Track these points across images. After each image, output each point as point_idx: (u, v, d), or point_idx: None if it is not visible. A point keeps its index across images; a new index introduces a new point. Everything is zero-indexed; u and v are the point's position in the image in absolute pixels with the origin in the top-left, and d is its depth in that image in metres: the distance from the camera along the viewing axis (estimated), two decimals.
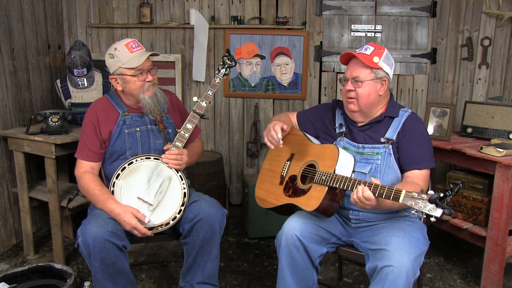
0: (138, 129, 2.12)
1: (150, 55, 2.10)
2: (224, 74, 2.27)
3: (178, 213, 2.01)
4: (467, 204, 2.66)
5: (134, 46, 2.07)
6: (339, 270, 2.63)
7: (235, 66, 2.32)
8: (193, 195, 2.15)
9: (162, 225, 1.99)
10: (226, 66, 2.28)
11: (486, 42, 3.22)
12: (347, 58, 1.98)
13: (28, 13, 3.06)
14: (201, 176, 3.22)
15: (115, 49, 2.07)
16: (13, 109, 2.93)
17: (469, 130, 2.87)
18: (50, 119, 2.67)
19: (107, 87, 3.11)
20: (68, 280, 2.06)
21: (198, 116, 2.16)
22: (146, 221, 1.93)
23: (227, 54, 2.30)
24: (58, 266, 2.19)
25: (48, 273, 2.20)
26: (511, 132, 2.71)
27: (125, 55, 2.05)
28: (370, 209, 1.69)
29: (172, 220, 2.00)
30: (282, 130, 1.94)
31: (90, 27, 3.55)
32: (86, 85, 3.02)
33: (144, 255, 2.97)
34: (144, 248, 3.05)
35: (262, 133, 3.62)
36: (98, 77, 3.09)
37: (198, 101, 2.18)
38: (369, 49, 1.90)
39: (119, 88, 2.12)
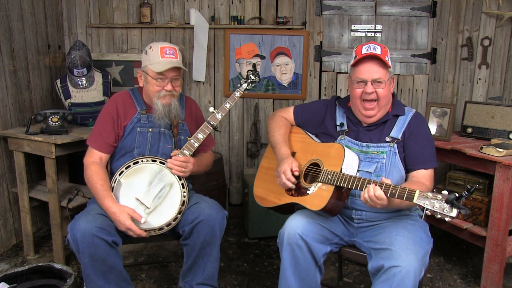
0: (150, 130, 2.12)
1: (178, 68, 2.06)
2: (246, 89, 2.21)
3: (174, 220, 2.00)
4: (467, 204, 2.65)
5: (167, 53, 2.05)
6: (339, 270, 2.63)
7: (258, 82, 2.25)
8: (193, 197, 2.14)
9: (155, 229, 1.97)
10: (249, 81, 2.22)
11: (486, 42, 3.22)
12: (358, 59, 1.88)
13: (28, 13, 3.06)
14: (201, 176, 3.21)
15: (150, 47, 2.08)
16: (13, 109, 2.93)
17: (469, 130, 2.87)
18: (50, 119, 2.68)
19: (107, 87, 3.11)
20: (68, 280, 2.06)
21: (211, 127, 2.12)
22: (142, 221, 1.92)
23: (252, 69, 2.24)
24: (58, 266, 2.20)
25: (48, 273, 2.21)
26: (511, 132, 2.71)
27: (155, 57, 2.05)
28: (380, 208, 1.68)
29: (167, 226, 1.99)
30: (293, 174, 1.90)
31: (90, 27, 3.55)
32: (86, 85, 3.02)
33: (144, 255, 2.97)
34: (144, 248, 3.05)
35: (262, 133, 3.63)
36: (98, 77, 3.09)
37: (214, 112, 2.12)
38: (377, 49, 1.85)
39: (141, 84, 2.14)
